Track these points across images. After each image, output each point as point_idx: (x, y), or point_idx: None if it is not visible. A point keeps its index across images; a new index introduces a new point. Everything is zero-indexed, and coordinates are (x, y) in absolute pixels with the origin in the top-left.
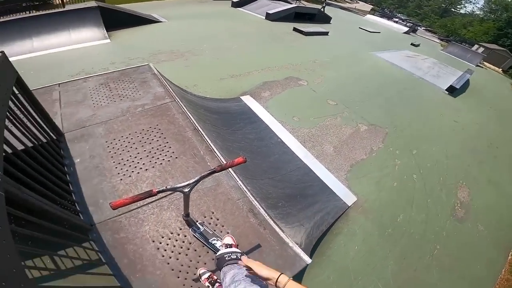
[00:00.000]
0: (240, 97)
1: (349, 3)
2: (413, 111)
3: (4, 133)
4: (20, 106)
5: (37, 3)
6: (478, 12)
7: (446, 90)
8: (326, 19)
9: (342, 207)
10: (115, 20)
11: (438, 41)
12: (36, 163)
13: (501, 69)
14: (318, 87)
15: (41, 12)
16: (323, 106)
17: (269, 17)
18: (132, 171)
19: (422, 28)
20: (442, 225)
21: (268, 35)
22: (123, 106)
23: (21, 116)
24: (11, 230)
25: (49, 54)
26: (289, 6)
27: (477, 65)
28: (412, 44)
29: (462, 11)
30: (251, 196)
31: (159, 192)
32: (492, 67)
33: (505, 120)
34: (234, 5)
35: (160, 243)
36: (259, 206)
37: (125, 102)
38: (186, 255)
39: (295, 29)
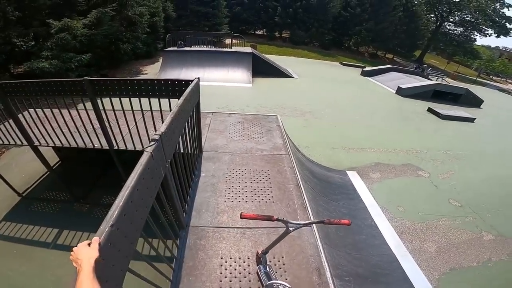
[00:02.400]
0: (346, 171)
1: (511, 83)
2: None
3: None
4: (189, 121)
5: (215, 40)
6: None
7: None
8: (476, 102)
9: None
10: (259, 68)
11: None
12: (183, 166)
13: None
14: (442, 183)
15: (216, 49)
16: (442, 205)
17: (401, 92)
18: (236, 199)
19: None
20: None
21: (395, 112)
22: (248, 146)
23: (188, 128)
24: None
25: (210, 85)
26: (427, 82)
27: None
28: None
29: None
30: (324, 256)
31: (277, 220)
32: None
33: None
34: (364, 73)
35: (226, 262)
36: (327, 268)
37: (250, 143)
38: (240, 281)
39: (430, 110)
